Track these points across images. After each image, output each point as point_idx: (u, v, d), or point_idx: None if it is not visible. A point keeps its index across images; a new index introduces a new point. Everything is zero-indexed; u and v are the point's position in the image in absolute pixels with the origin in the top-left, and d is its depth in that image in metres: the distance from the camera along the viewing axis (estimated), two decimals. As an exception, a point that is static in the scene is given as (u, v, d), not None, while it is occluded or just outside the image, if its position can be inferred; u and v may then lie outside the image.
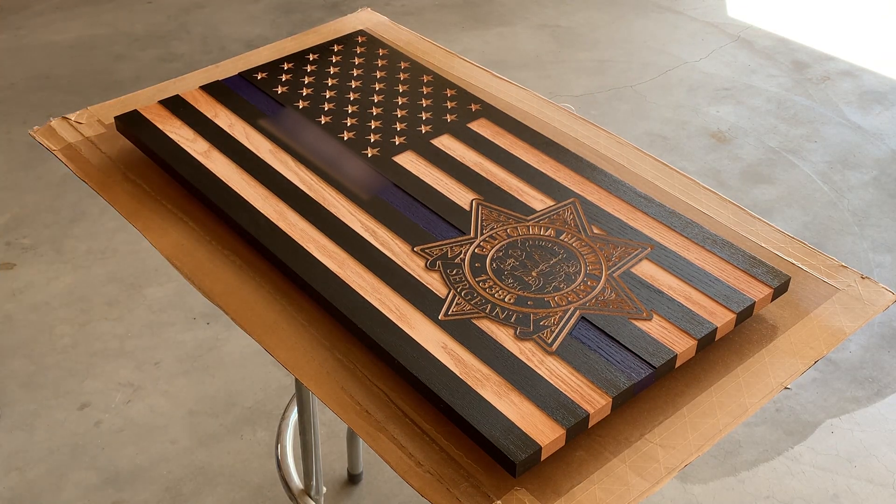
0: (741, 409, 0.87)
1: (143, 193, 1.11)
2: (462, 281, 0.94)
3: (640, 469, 0.81)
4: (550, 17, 3.37)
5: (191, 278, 0.99)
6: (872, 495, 1.76)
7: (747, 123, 2.80)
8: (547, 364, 0.85)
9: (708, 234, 1.01)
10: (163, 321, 2.10)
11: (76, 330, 2.08)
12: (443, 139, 1.16)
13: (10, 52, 3.11)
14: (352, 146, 1.14)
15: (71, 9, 3.36)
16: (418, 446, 0.82)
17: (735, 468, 1.80)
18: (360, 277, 0.95)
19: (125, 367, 1.99)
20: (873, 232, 2.39)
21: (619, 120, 2.80)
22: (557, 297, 0.92)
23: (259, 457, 1.81)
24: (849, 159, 2.66)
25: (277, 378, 1.96)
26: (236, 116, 1.18)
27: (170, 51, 3.12)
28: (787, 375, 0.90)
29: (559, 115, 1.25)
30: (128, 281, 2.21)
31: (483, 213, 1.03)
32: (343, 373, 0.89)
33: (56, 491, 1.74)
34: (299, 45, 1.36)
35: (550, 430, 0.79)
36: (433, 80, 1.27)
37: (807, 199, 2.51)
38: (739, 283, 0.94)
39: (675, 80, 3.00)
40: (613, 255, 0.98)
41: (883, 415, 1.92)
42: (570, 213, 1.04)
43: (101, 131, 1.21)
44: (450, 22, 3.32)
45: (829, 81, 3.02)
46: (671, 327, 0.89)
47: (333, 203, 1.05)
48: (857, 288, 1.00)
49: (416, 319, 0.90)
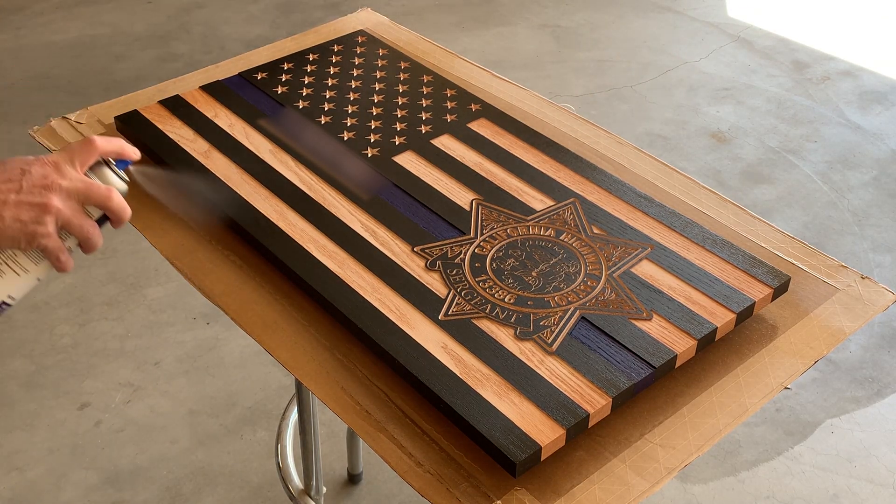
0: (741, 409, 0.87)
1: (143, 193, 1.11)
2: (462, 281, 0.94)
3: (640, 469, 0.81)
4: (550, 17, 3.37)
5: (191, 278, 0.99)
6: (872, 495, 1.76)
7: (747, 123, 2.80)
8: (547, 364, 0.85)
9: (708, 234, 1.01)
10: (163, 321, 2.10)
11: (76, 330, 2.08)
12: (443, 139, 1.15)
13: (10, 52, 3.11)
14: (352, 146, 1.14)
15: (71, 9, 3.36)
16: (418, 446, 0.82)
17: (735, 468, 1.80)
18: (360, 277, 0.95)
19: (125, 367, 1.99)
20: (873, 232, 2.39)
21: (619, 120, 2.80)
22: (557, 297, 0.92)
23: (259, 457, 1.81)
24: (849, 159, 2.66)
25: (277, 378, 1.96)
26: (236, 116, 1.18)
27: (170, 51, 3.12)
28: (787, 375, 0.90)
29: (559, 115, 1.25)
30: (128, 281, 2.21)
31: (483, 213, 1.03)
32: (343, 373, 0.89)
33: (56, 491, 1.74)
34: (299, 45, 1.36)
35: (550, 430, 0.79)
36: (433, 80, 1.27)
37: (807, 199, 2.51)
38: (739, 283, 0.94)
39: (675, 80, 3.01)
40: (613, 255, 0.98)
41: (883, 415, 1.92)
42: (570, 213, 1.04)
43: (101, 131, 1.21)
44: (450, 22, 3.32)
45: (829, 81, 3.02)
46: (671, 327, 0.89)
47: (333, 203, 1.05)
48: (857, 288, 1.00)
49: (416, 319, 0.90)
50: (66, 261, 0.80)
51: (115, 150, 0.83)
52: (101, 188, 0.80)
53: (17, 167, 0.78)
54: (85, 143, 0.81)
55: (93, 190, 0.80)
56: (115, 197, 0.81)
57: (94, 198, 0.80)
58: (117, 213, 0.82)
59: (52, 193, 0.78)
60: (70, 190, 0.79)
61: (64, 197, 0.78)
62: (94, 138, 0.82)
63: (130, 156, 0.85)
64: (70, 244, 0.81)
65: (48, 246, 0.78)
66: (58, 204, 0.78)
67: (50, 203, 0.77)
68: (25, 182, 0.77)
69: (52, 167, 0.79)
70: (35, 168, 0.78)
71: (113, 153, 0.83)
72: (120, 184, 0.83)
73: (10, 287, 0.82)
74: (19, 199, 0.77)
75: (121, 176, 0.84)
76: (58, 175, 0.78)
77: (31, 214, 0.77)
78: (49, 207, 0.77)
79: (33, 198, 0.77)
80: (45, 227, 0.78)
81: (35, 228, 0.77)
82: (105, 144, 0.82)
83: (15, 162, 0.79)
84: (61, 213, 0.78)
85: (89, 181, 0.80)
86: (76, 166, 0.80)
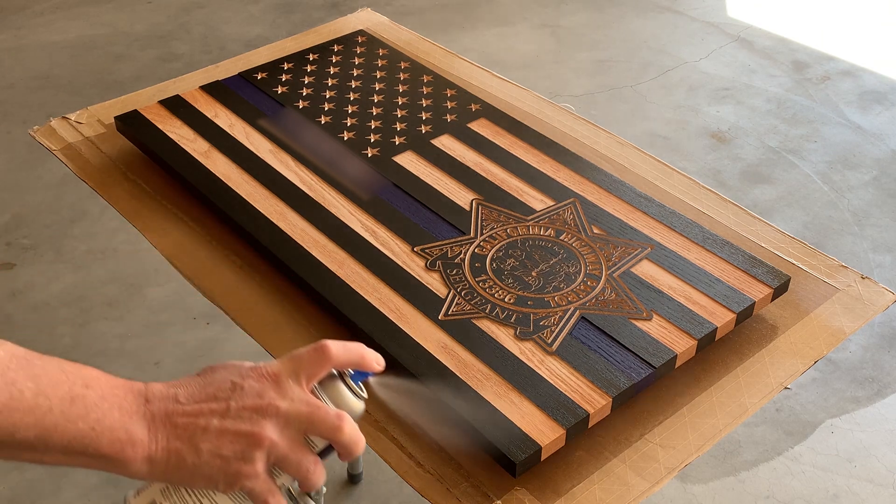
0: (741, 409, 0.87)
1: (143, 193, 1.11)
2: (462, 281, 0.94)
3: (640, 469, 0.81)
4: (550, 17, 3.37)
5: (191, 278, 0.99)
6: (872, 495, 1.76)
7: (747, 123, 2.80)
8: (547, 364, 0.85)
9: (708, 234, 1.01)
10: (163, 321, 2.10)
11: (76, 330, 2.08)
12: (443, 139, 1.15)
13: (10, 52, 3.11)
14: (352, 146, 1.14)
15: (71, 9, 3.36)
16: (418, 446, 0.82)
17: (735, 468, 1.80)
18: (360, 277, 0.95)
19: (125, 367, 1.99)
20: (873, 232, 2.39)
21: (619, 120, 2.80)
22: (557, 297, 0.92)
23: (259, 457, 1.80)
24: (849, 159, 2.66)
25: (277, 378, 1.96)
26: (236, 116, 1.18)
27: (170, 51, 3.12)
28: (787, 375, 0.90)
29: (559, 115, 1.25)
30: (128, 281, 2.21)
31: (483, 213, 1.03)
32: (343, 373, 0.88)
33: (56, 491, 1.74)
34: (299, 45, 1.36)
35: (550, 430, 0.79)
36: (433, 80, 1.27)
37: (807, 199, 2.51)
38: (739, 283, 0.94)
39: (675, 80, 3.00)
40: (613, 255, 0.98)
41: (883, 415, 1.92)
42: (570, 213, 1.04)
43: (101, 131, 1.21)
44: (450, 22, 3.32)
45: (829, 81, 3.02)
46: (671, 327, 0.89)
47: (333, 203, 1.05)
48: (857, 288, 1.00)
49: (416, 319, 0.90)
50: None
51: (354, 360, 0.65)
52: (329, 415, 0.61)
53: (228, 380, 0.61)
54: (317, 351, 0.63)
55: (320, 417, 0.61)
56: (346, 427, 0.62)
57: (320, 427, 0.61)
58: (348, 447, 0.62)
59: (267, 421, 0.60)
60: (290, 415, 0.60)
61: (282, 425, 0.60)
62: (328, 345, 0.63)
63: (373, 367, 0.66)
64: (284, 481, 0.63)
65: (254, 489, 0.61)
66: (272, 436, 0.60)
67: (263, 434, 0.60)
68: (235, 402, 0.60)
69: (271, 382, 0.61)
70: (249, 382, 0.61)
71: (351, 364, 0.65)
72: (357, 404, 0.65)
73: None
74: (223, 425, 0.59)
75: (358, 394, 0.65)
76: (277, 393, 0.61)
77: (235, 448, 0.59)
78: (262, 440, 0.60)
79: (242, 425, 0.59)
80: (252, 467, 0.60)
81: (239, 468, 0.60)
82: (342, 354, 0.64)
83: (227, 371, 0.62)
84: (276, 447, 0.60)
85: (316, 404, 0.61)
86: (301, 381, 0.62)
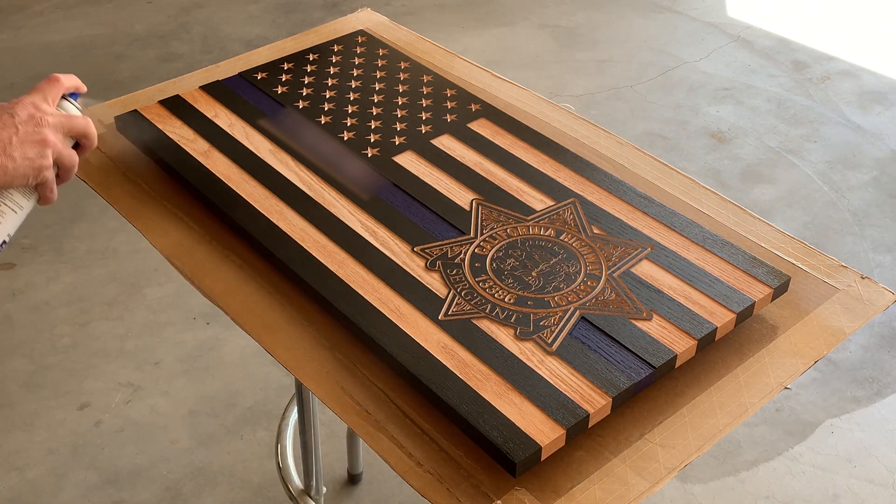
0: (741, 409, 0.87)
1: (143, 193, 1.11)
2: (462, 281, 0.94)
3: (640, 469, 0.81)
4: (550, 17, 3.37)
5: (191, 278, 0.99)
6: (872, 495, 1.76)
7: (747, 123, 2.80)
8: (547, 364, 0.85)
9: (708, 234, 1.01)
10: (163, 321, 2.10)
11: (76, 330, 2.08)
12: (443, 139, 1.15)
13: (10, 52, 3.11)
14: (352, 146, 1.14)
15: (71, 9, 3.36)
16: (418, 446, 0.82)
17: (735, 468, 1.80)
18: (360, 277, 0.95)
19: (125, 367, 1.99)
20: (873, 232, 2.39)
21: (619, 120, 2.80)
22: (557, 297, 0.92)
23: (259, 457, 1.81)
24: (849, 159, 2.66)
25: (277, 378, 1.96)
26: (236, 116, 1.18)
27: (170, 51, 3.12)
28: (787, 375, 0.90)
29: (559, 115, 1.25)
30: (128, 281, 2.21)
31: (483, 213, 1.03)
32: (343, 373, 0.88)
33: (56, 491, 1.74)
34: (299, 45, 1.36)
35: (550, 430, 0.79)
36: (433, 80, 1.27)
37: (807, 199, 2.51)
38: (739, 283, 0.94)
39: (675, 80, 3.00)
40: (613, 255, 0.98)
41: (883, 415, 1.92)
42: (570, 213, 1.04)
43: (101, 131, 1.21)
44: (450, 22, 3.32)
45: (829, 81, 3.02)
46: (671, 327, 0.89)
47: (333, 203, 1.05)
48: (857, 288, 1.00)
49: (416, 319, 0.90)
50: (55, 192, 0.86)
51: (74, 84, 0.90)
52: (79, 119, 0.86)
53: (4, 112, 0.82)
54: (51, 80, 0.87)
55: (73, 121, 0.86)
56: (91, 125, 0.88)
57: (76, 129, 0.86)
58: (92, 139, 0.88)
59: (45, 129, 0.83)
60: (56, 124, 0.84)
61: (54, 131, 0.84)
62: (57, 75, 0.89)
63: (82, 88, 0.92)
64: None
65: (48, 178, 0.84)
66: (52, 137, 0.83)
67: (47, 138, 0.83)
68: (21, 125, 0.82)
69: (32, 107, 0.83)
70: (19, 109, 0.83)
71: (73, 87, 0.90)
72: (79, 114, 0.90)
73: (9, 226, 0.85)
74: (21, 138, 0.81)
75: (78, 108, 0.91)
76: (42, 112, 0.84)
77: (35, 150, 0.82)
78: (48, 142, 0.83)
79: (33, 135, 0.82)
80: (48, 160, 0.83)
81: (41, 162, 0.82)
82: (66, 80, 0.89)
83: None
84: (56, 145, 0.84)
85: (68, 114, 0.87)
86: (49, 102, 0.86)
